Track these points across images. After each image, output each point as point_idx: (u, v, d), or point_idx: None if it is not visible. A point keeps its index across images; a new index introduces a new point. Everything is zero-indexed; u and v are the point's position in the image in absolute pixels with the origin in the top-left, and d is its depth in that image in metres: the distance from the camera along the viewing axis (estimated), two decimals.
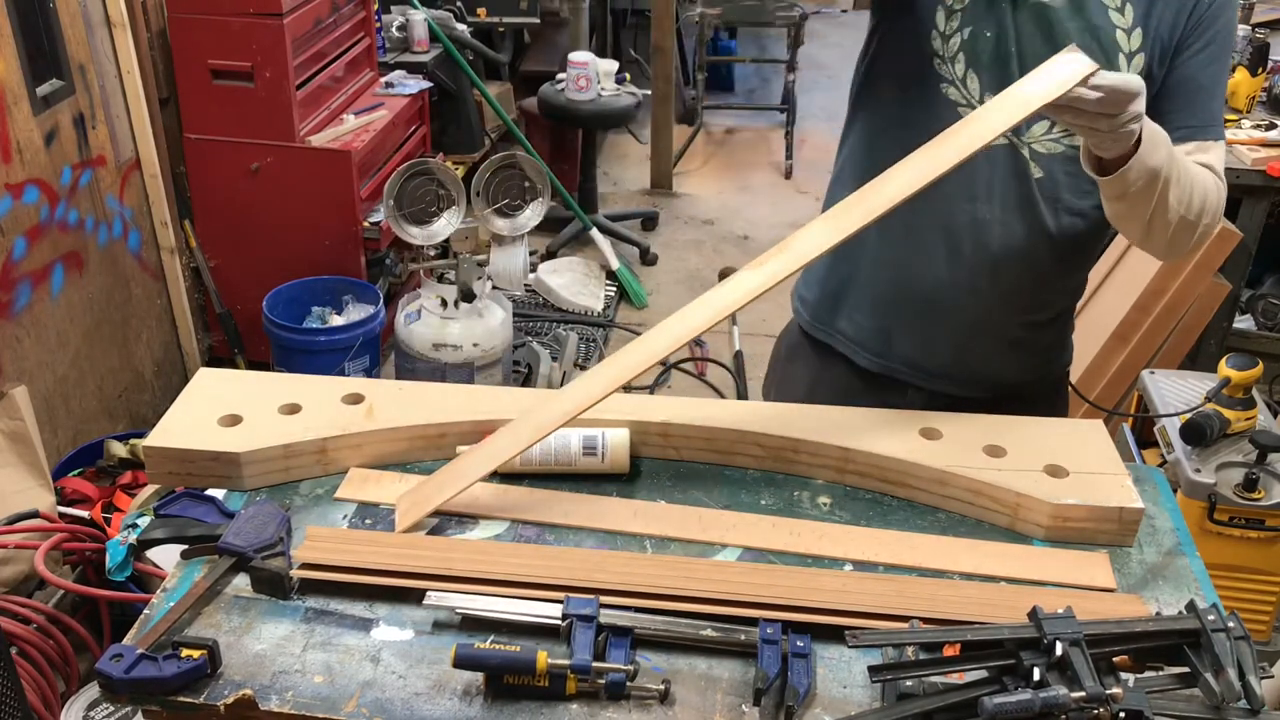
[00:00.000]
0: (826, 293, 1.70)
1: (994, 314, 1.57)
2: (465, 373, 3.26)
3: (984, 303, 1.55)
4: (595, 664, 1.14)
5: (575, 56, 4.34)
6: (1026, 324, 1.61)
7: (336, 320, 3.38)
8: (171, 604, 1.23)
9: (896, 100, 1.53)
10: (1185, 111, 1.40)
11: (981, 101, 1.44)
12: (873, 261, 1.60)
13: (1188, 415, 2.29)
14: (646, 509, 1.41)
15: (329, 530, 1.34)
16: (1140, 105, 1.24)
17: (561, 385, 3.58)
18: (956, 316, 1.57)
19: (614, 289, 4.32)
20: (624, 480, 1.46)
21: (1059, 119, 1.28)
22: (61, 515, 2.44)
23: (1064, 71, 1.23)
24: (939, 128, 1.31)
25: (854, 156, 1.61)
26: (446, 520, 1.39)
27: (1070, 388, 1.80)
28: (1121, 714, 1.01)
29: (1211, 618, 1.07)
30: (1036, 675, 1.02)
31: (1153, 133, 1.31)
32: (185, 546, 1.33)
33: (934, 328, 1.59)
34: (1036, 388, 1.68)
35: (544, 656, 1.13)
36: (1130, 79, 1.22)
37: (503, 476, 1.45)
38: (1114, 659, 1.07)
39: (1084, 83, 1.21)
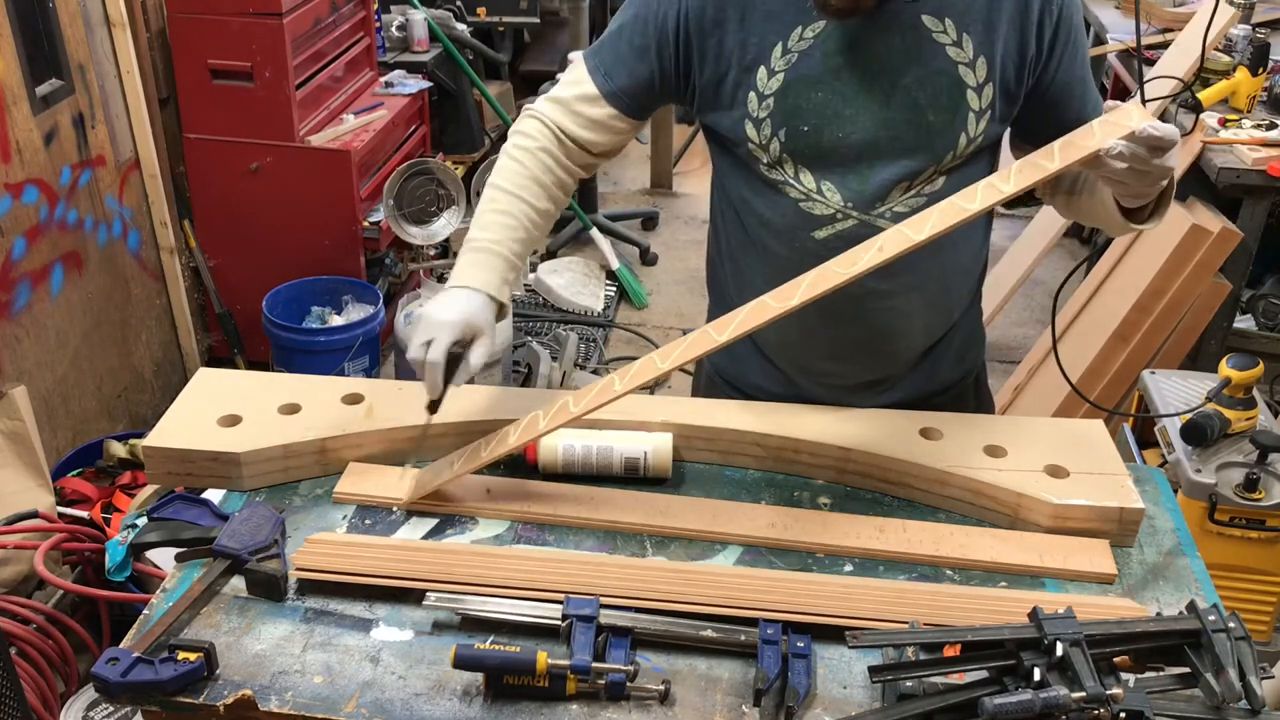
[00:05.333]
0: (733, 356, 1.65)
1: (897, 356, 1.56)
2: None
3: (885, 350, 1.54)
4: (595, 664, 1.14)
5: (575, 56, 4.33)
6: (930, 346, 1.58)
7: (336, 320, 3.37)
8: (169, 605, 1.23)
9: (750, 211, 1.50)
10: (1079, 104, 1.43)
11: (820, 193, 1.41)
12: (773, 330, 1.54)
13: (1188, 415, 2.28)
14: (646, 503, 1.40)
15: (328, 536, 1.33)
16: (1173, 160, 1.22)
17: (561, 386, 3.58)
18: (860, 365, 1.55)
19: (614, 289, 4.32)
20: (624, 481, 1.46)
21: (1098, 171, 1.25)
22: (61, 515, 2.44)
23: (1111, 128, 1.22)
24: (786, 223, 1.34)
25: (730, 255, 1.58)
26: (447, 520, 1.39)
27: (1071, 387, 1.80)
28: (1122, 714, 1.01)
29: (1212, 618, 1.07)
30: (1037, 675, 1.02)
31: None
32: (180, 549, 1.33)
33: (839, 376, 1.57)
34: (955, 390, 1.66)
35: (544, 657, 1.13)
36: (1169, 129, 1.19)
37: (536, 472, 1.46)
38: (1114, 659, 1.07)
39: (1128, 136, 1.19)
